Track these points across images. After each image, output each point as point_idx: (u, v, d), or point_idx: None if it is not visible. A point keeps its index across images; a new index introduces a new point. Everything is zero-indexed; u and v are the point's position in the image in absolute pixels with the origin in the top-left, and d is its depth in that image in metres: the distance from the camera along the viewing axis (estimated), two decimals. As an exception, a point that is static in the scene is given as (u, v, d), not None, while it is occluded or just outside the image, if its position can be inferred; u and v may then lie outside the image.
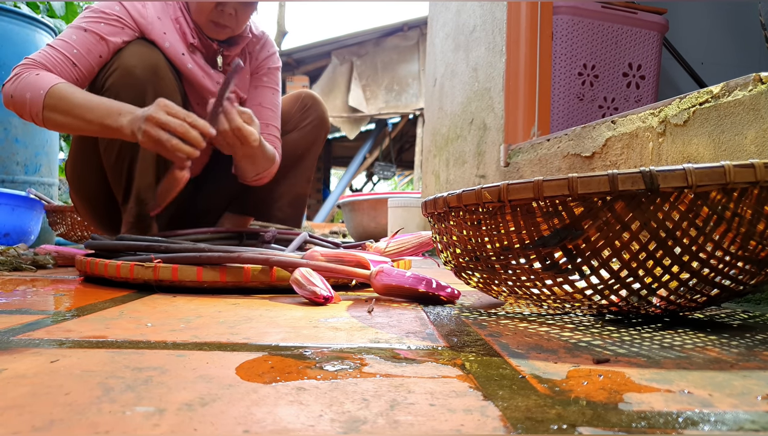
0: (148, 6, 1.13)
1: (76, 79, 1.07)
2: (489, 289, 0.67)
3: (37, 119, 1.01)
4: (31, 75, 1.01)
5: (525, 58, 1.51)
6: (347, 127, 7.19)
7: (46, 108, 0.99)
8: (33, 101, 0.99)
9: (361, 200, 3.61)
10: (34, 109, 1.00)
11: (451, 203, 0.62)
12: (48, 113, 0.99)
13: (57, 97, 0.99)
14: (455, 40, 2.01)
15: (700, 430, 0.28)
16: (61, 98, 0.99)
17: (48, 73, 1.02)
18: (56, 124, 1.01)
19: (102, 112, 0.98)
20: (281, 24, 7.13)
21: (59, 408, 0.30)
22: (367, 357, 0.43)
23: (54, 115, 1.00)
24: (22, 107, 1.01)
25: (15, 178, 1.88)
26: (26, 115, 1.02)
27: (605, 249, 0.53)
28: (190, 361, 0.40)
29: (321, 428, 0.28)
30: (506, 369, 0.39)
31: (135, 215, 1.13)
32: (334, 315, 0.62)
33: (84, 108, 0.98)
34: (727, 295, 0.57)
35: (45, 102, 0.99)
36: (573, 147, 1.18)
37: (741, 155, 0.77)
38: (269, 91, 1.32)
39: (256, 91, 1.31)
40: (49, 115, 1.00)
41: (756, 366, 0.41)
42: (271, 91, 1.32)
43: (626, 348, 0.47)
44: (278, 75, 1.36)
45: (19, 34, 1.86)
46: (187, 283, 0.81)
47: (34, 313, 0.61)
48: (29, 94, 0.99)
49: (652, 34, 1.66)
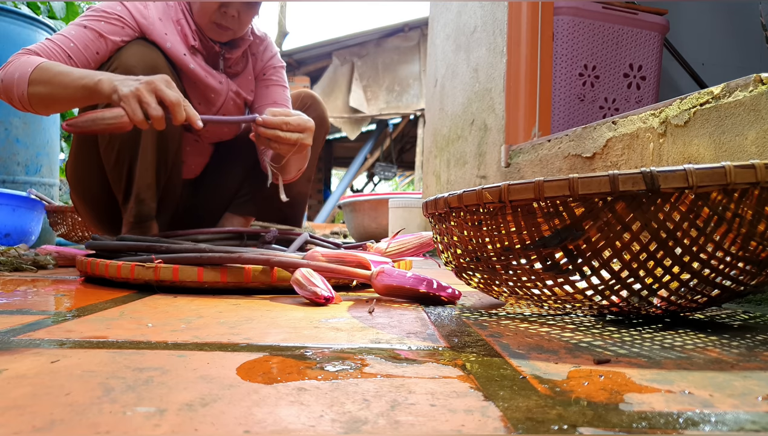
0: (150, 7, 1.13)
1: None
2: (490, 289, 0.67)
3: (24, 100, 0.99)
4: (21, 58, 1.00)
5: (526, 58, 1.51)
6: (348, 128, 7.19)
7: (31, 83, 0.98)
8: (20, 79, 0.98)
9: (362, 201, 3.61)
10: (21, 87, 0.98)
11: (451, 204, 0.62)
12: (32, 88, 0.98)
13: (41, 69, 0.98)
14: (456, 41, 2.01)
15: (701, 430, 0.28)
16: (44, 69, 0.98)
17: (37, 57, 1.01)
18: (39, 99, 0.99)
19: (81, 73, 0.97)
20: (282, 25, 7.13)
21: (60, 408, 0.30)
22: (368, 358, 0.43)
23: (37, 88, 0.98)
24: (11, 90, 0.99)
25: (16, 179, 1.88)
26: (15, 100, 1.00)
27: (606, 250, 0.53)
28: (191, 361, 0.40)
29: (322, 428, 0.28)
30: (507, 370, 0.39)
31: (135, 216, 1.13)
32: (335, 315, 0.62)
33: (63, 74, 0.97)
34: (728, 295, 0.56)
35: (30, 78, 0.97)
36: (574, 148, 1.18)
37: (742, 156, 0.77)
38: (280, 89, 1.33)
39: (268, 90, 1.32)
40: (33, 91, 0.98)
41: (756, 367, 0.41)
42: (281, 89, 1.34)
43: (627, 349, 0.47)
44: (284, 73, 1.37)
45: (20, 34, 1.86)
46: (188, 283, 0.81)
47: (34, 313, 0.61)
48: (18, 73, 0.98)
49: (652, 34, 1.66)
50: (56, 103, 1.00)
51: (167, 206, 1.26)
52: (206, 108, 1.24)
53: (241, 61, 1.27)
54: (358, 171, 7.93)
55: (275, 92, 1.32)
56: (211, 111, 1.24)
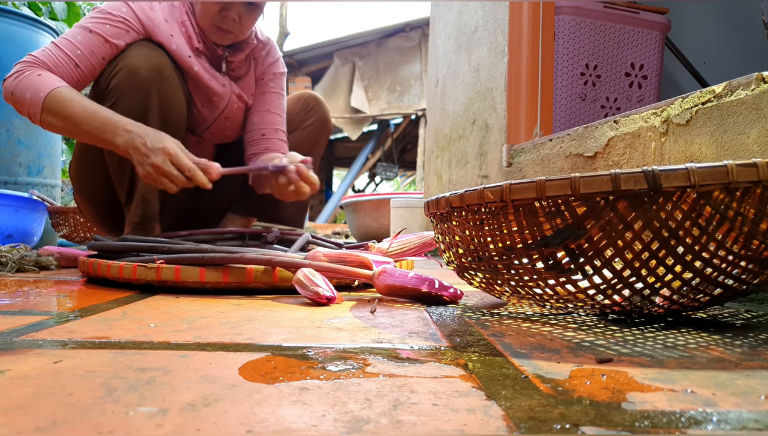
0: (155, 8, 1.13)
1: (77, 80, 1.08)
2: (492, 289, 0.67)
3: (35, 120, 1.03)
4: (33, 75, 1.01)
5: (527, 58, 1.51)
6: (349, 128, 7.19)
7: (44, 111, 1.01)
8: (32, 102, 1.00)
9: (363, 201, 3.61)
10: (33, 109, 1.01)
11: (453, 203, 0.62)
12: (46, 116, 1.01)
13: (56, 101, 1.00)
14: (457, 41, 2.01)
15: (704, 429, 0.28)
16: (59, 102, 1.00)
17: (49, 75, 1.03)
18: (53, 128, 1.03)
19: (97, 125, 1.00)
20: (283, 25, 7.13)
21: (62, 409, 0.30)
22: (370, 357, 0.43)
23: (51, 118, 1.01)
24: (21, 106, 1.02)
25: (18, 180, 1.88)
26: (24, 114, 1.04)
27: (608, 249, 0.53)
28: (193, 361, 0.40)
29: (324, 428, 0.28)
30: (509, 369, 0.39)
31: (140, 216, 1.13)
32: (337, 315, 0.63)
33: (79, 118, 1.00)
34: (730, 294, 0.56)
35: (44, 105, 1.00)
36: (575, 147, 1.18)
37: (744, 155, 0.77)
38: (276, 97, 1.33)
39: (264, 97, 1.31)
40: (46, 118, 1.02)
41: (759, 366, 0.41)
42: (277, 97, 1.33)
43: (629, 348, 0.46)
44: (284, 80, 1.36)
45: (21, 35, 1.87)
46: (190, 284, 0.81)
47: (37, 314, 0.61)
48: (29, 94, 1.00)
49: (654, 33, 1.66)
50: (69, 135, 1.08)
51: (170, 207, 1.27)
52: (209, 110, 1.24)
53: (244, 64, 1.27)
54: (360, 171, 7.93)
55: (270, 100, 1.32)
56: (214, 113, 1.25)
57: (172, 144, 0.99)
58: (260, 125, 1.29)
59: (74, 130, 1.02)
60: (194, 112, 1.23)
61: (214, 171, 1.01)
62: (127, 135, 0.99)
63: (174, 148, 0.98)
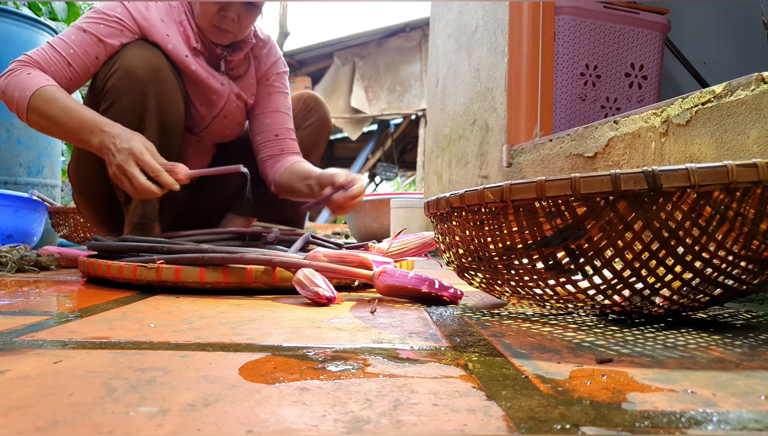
0: (151, 8, 1.13)
1: (69, 79, 1.08)
2: (492, 289, 0.67)
3: (23, 118, 1.03)
4: (23, 73, 1.02)
5: (527, 58, 1.51)
6: (349, 128, 7.20)
7: (30, 110, 1.01)
8: (20, 101, 1.01)
9: (363, 201, 3.61)
10: (20, 108, 1.02)
11: (453, 204, 0.62)
12: (31, 115, 1.01)
13: (41, 100, 1.00)
14: (457, 41, 2.01)
15: (704, 429, 0.28)
16: (45, 101, 1.00)
17: (39, 73, 1.03)
18: (39, 127, 1.04)
19: (75, 124, 1.00)
20: (283, 25, 7.13)
21: (63, 409, 0.30)
22: (370, 357, 0.43)
23: (35, 117, 1.02)
24: (11, 104, 1.03)
25: (18, 180, 1.88)
26: (14, 112, 1.04)
27: (608, 249, 0.53)
28: (193, 361, 0.40)
29: (324, 428, 0.28)
30: (509, 369, 0.39)
31: (140, 216, 1.13)
32: (337, 316, 0.63)
33: (59, 118, 1.00)
34: (730, 294, 0.56)
35: (29, 104, 1.00)
36: (575, 147, 1.18)
37: (744, 155, 0.77)
38: (283, 96, 1.33)
39: (271, 98, 1.31)
40: (31, 117, 1.02)
41: (759, 366, 0.41)
42: (284, 96, 1.34)
43: (629, 348, 0.46)
44: (287, 79, 1.36)
45: (21, 35, 1.86)
46: (190, 284, 0.81)
47: (37, 314, 0.61)
48: (17, 93, 1.01)
49: (654, 34, 1.66)
50: (53, 135, 1.07)
51: (169, 207, 1.27)
52: (207, 109, 1.24)
53: (243, 63, 1.27)
54: (360, 171, 7.93)
55: (278, 100, 1.32)
56: (212, 112, 1.25)
57: (139, 144, 0.97)
58: (272, 126, 1.30)
59: (55, 129, 1.02)
60: (192, 112, 1.23)
61: (181, 172, 0.99)
62: (101, 135, 0.99)
63: (140, 148, 0.97)
